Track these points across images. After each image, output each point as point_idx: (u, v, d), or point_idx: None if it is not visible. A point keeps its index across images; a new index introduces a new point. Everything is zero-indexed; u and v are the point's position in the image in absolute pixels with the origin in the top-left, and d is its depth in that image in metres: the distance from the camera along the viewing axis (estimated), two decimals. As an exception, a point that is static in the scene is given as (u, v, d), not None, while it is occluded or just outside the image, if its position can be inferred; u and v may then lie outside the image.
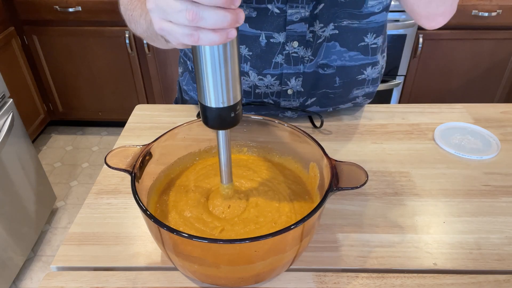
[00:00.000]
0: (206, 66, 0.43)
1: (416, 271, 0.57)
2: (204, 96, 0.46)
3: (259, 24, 0.72)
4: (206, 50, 0.42)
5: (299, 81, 0.79)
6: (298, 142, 0.61)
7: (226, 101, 0.46)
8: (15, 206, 1.57)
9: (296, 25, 0.72)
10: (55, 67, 2.20)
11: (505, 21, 1.90)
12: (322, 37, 0.74)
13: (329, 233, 0.63)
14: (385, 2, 0.73)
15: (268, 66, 0.77)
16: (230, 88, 0.45)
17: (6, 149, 1.50)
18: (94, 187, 0.72)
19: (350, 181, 0.51)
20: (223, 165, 0.54)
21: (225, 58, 0.43)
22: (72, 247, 0.61)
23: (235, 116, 0.48)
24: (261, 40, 0.74)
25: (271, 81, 0.80)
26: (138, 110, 0.93)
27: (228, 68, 0.44)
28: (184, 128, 0.61)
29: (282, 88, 0.81)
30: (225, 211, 0.56)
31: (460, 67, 2.09)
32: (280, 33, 0.73)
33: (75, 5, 1.96)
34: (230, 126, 0.49)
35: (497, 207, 0.67)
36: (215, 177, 0.63)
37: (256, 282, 0.54)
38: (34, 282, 1.64)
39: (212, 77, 0.44)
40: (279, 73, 0.78)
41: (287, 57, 0.76)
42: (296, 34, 0.73)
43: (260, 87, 0.81)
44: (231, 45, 0.42)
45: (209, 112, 0.47)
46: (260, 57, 0.76)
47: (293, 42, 0.74)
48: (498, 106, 0.94)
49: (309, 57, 0.76)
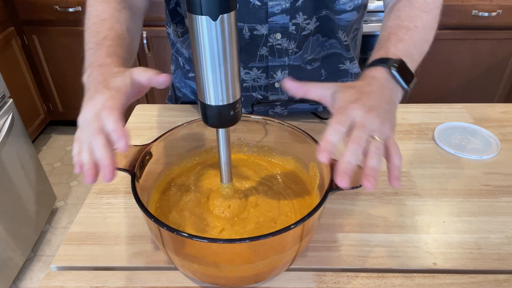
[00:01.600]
0: (206, 64, 0.43)
1: (416, 271, 0.57)
2: (204, 94, 0.46)
3: (242, 16, 0.73)
4: (206, 48, 0.42)
5: (285, 73, 0.80)
6: (298, 142, 0.61)
7: (226, 99, 0.46)
8: (15, 206, 1.57)
9: (277, 16, 0.72)
10: (55, 67, 2.20)
11: (505, 21, 1.90)
12: (306, 29, 0.75)
13: (329, 233, 0.63)
14: (357, 2, 0.73)
15: (253, 59, 0.78)
16: (229, 86, 0.45)
17: (6, 149, 1.50)
18: (94, 187, 0.72)
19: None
20: (223, 164, 0.54)
21: (224, 56, 0.43)
22: (72, 247, 0.61)
23: (235, 114, 0.48)
24: (245, 33, 0.74)
25: (257, 74, 0.80)
26: (138, 110, 0.93)
27: (228, 66, 0.44)
28: (184, 128, 0.61)
29: (269, 81, 0.81)
30: (225, 210, 0.56)
31: (460, 67, 2.08)
32: (262, 25, 0.74)
33: (75, 5, 1.96)
34: (229, 125, 0.49)
35: (497, 207, 0.67)
36: (215, 178, 0.63)
37: (256, 281, 0.54)
38: (34, 282, 1.64)
39: (212, 75, 0.44)
40: (264, 66, 0.79)
41: (271, 49, 0.76)
42: (278, 26, 0.74)
43: (247, 80, 0.82)
44: (230, 43, 0.43)
45: (208, 110, 0.47)
46: (244, 50, 0.77)
47: (276, 34, 0.74)
48: (498, 106, 0.94)
49: (293, 49, 0.77)
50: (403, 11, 0.64)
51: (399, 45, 0.58)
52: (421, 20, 0.63)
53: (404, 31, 0.60)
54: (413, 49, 0.59)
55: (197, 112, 0.91)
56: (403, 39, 0.59)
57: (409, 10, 0.64)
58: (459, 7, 1.87)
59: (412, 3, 0.65)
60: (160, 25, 1.87)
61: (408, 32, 0.60)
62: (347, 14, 0.74)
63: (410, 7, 0.65)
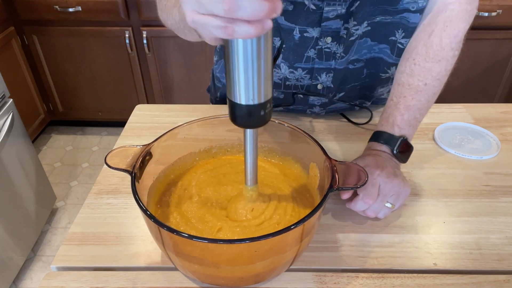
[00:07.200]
0: (238, 61, 0.40)
1: (416, 271, 0.57)
2: (234, 92, 0.43)
3: (294, 18, 0.72)
4: (239, 44, 0.39)
5: (330, 77, 0.80)
6: (298, 142, 0.61)
7: (257, 98, 0.43)
8: (15, 206, 1.57)
9: (331, 21, 0.72)
10: (55, 67, 2.20)
11: (505, 21, 1.90)
12: (355, 35, 0.74)
13: (329, 233, 0.63)
14: (420, 4, 0.71)
15: (300, 59, 0.78)
16: (261, 85, 0.42)
17: (6, 149, 1.50)
18: (94, 187, 0.72)
19: (350, 181, 0.51)
20: (249, 166, 0.52)
21: (258, 53, 0.40)
22: (72, 247, 0.61)
23: (265, 115, 0.45)
24: (295, 34, 0.74)
25: (301, 75, 0.80)
26: (138, 110, 0.93)
27: (261, 64, 0.41)
28: (184, 128, 0.61)
29: (312, 82, 0.81)
30: (248, 214, 0.55)
31: (460, 67, 2.08)
32: (314, 28, 0.73)
33: (75, 5, 1.96)
34: (259, 125, 0.46)
35: (497, 207, 0.67)
36: (214, 178, 0.63)
37: (256, 282, 0.54)
38: (34, 282, 1.63)
39: (244, 72, 0.41)
40: (310, 67, 0.79)
41: (319, 52, 0.76)
42: (331, 30, 0.73)
43: (291, 79, 0.82)
44: (265, 39, 0.40)
45: (238, 109, 0.44)
46: (292, 50, 0.77)
47: (327, 38, 0.74)
48: (498, 106, 0.94)
49: (341, 54, 0.76)
50: (417, 64, 0.68)
51: (405, 115, 0.68)
52: (432, 74, 0.68)
53: (413, 94, 0.68)
54: (418, 115, 0.69)
55: (197, 112, 0.91)
56: (410, 106, 0.68)
57: (423, 62, 0.68)
58: (459, 7, 1.87)
59: (427, 51, 0.68)
60: (160, 25, 1.86)
61: (416, 95, 0.68)
62: (410, 14, 0.72)
63: (425, 57, 0.68)
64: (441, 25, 0.67)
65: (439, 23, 0.67)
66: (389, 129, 0.68)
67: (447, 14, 0.67)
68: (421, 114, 0.70)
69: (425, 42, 0.68)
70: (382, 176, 0.61)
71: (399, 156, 0.67)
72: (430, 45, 0.68)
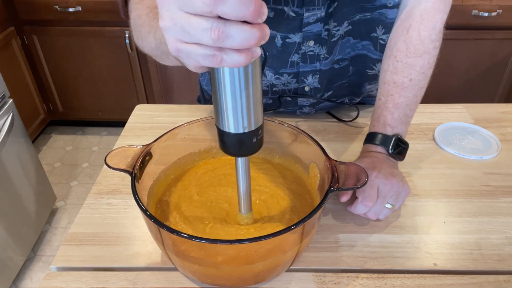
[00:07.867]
0: (225, 90, 0.37)
1: (416, 272, 0.57)
2: (222, 121, 0.40)
3: (276, 26, 0.72)
4: (225, 72, 0.36)
5: (316, 78, 0.80)
6: (298, 142, 0.61)
7: (247, 126, 0.40)
8: (15, 206, 1.57)
9: (312, 26, 0.72)
10: (55, 67, 2.20)
11: (505, 21, 1.90)
12: (336, 35, 0.74)
13: (329, 233, 0.63)
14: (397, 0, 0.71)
15: (285, 65, 0.78)
16: (251, 112, 0.39)
17: (6, 149, 1.50)
18: (94, 187, 0.72)
19: (350, 181, 0.51)
20: (242, 194, 0.50)
21: (246, 80, 0.37)
22: (72, 247, 0.61)
23: (257, 142, 0.42)
24: (277, 41, 0.74)
25: (288, 79, 0.80)
26: (138, 110, 0.93)
27: (250, 91, 0.38)
28: (184, 128, 0.61)
29: (299, 85, 0.81)
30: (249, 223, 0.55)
31: (460, 67, 2.08)
32: (296, 34, 0.73)
33: (75, 5, 1.96)
34: (251, 153, 0.43)
35: (497, 207, 0.67)
36: (215, 178, 0.63)
37: (256, 282, 0.54)
38: (34, 282, 1.63)
39: (232, 101, 0.38)
40: (295, 71, 0.79)
41: (303, 56, 0.76)
42: (312, 34, 0.73)
43: (277, 85, 0.82)
44: (253, 65, 0.37)
45: (227, 138, 0.41)
46: (276, 57, 0.76)
47: (309, 42, 0.74)
48: (498, 106, 0.94)
49: (325, 55, 0.76)
50: (400, 61, 0.68)
51: (395, 113, 0.68)
52: (416, 69, 0.67)
53: (399, 91, 0.68)
54: (407, 111, 0.69)
55: (197, 112, 0.91)
56: (398, 104, 0.68)
57: (405, 59, 0.68)
58: (459, 7, 1.87)
59: (408, 46, 0.67)
60: (160, 25, 1.86)
61: (403, 92, 0.68)
62: (388, 10, 0.72)
63: (406, 53, 0.68)
64: (418, 18, 0.67)
65: (415, 16, 0.67)
66: (382, 130, 0.68)
67: (422, 7, 0.67)
68: (411, 109, 0.69)
69: (404, 38, 0.68)
70: (380, 177, 0.61)
71: (395, 155, 0.67)
72: (410, 40, 0.67)
